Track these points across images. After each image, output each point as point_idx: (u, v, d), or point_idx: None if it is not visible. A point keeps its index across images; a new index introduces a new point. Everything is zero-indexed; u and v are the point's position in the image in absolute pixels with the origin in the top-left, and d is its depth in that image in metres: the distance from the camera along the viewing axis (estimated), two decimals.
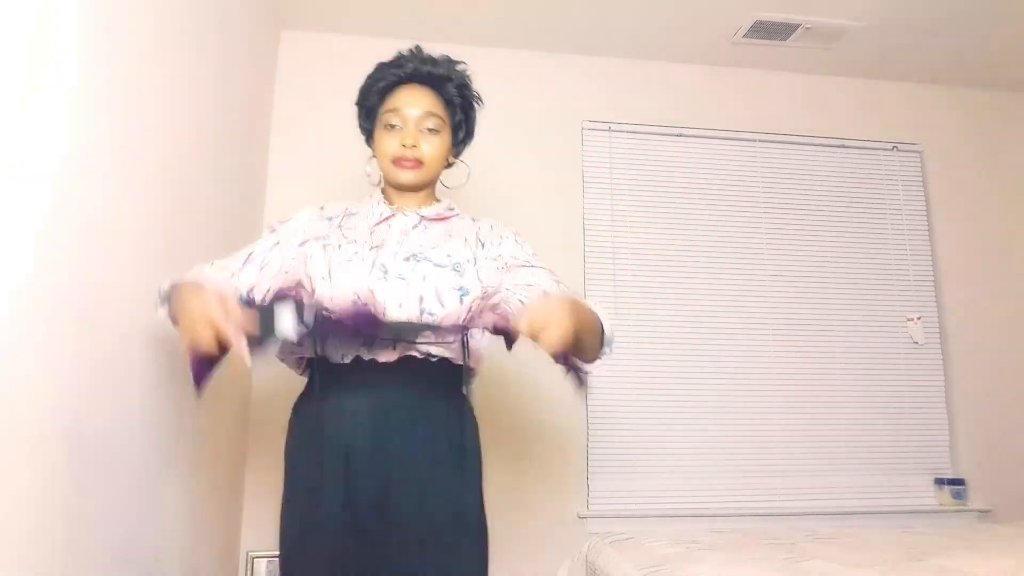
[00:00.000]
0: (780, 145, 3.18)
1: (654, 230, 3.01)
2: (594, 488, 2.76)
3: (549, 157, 3.00)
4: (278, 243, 1.35)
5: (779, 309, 3.03)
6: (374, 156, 1.40)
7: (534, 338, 1.04)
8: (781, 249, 3.08)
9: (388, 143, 1.35)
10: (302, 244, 1.33)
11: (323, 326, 1.19)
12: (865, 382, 3.01)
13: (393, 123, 1.35)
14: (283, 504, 1.29)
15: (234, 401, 2.32)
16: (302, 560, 1.23)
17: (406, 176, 1.35)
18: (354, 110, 1.45)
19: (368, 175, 1.43)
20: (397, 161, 1.34)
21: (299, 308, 1.14)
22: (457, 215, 1.42)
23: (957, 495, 2.92)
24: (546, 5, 2.77)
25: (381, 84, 1.38)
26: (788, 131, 3.19)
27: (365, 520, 1.20)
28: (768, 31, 2.91)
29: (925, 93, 3.35)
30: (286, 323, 1.12)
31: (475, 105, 1.45)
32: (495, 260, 1.35)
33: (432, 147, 1.35)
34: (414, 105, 1.35)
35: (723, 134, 3.14)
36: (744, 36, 2.94)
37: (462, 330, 1.27)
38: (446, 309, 1.26)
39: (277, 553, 1.28)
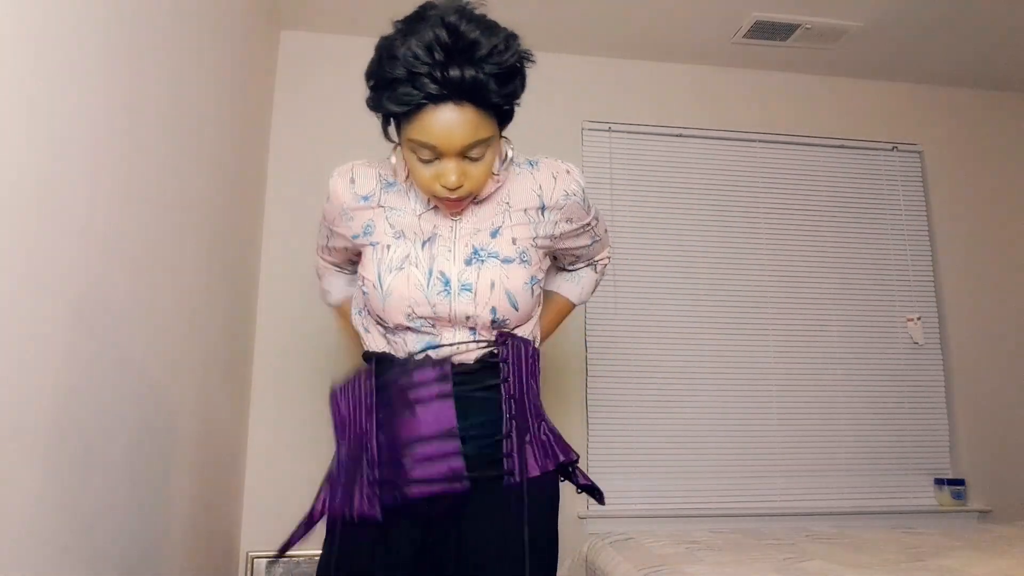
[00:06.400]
0: (780, 145, 3.18)
1: (654, 230, 3.02)
2: None
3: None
4: (330, 234, 1.29)
5: (779, 309, 3.03)
6: (399, 145, 1.13)
7: None
8: (781, 249, 3.08)
9: (422, 174, 1.09)
10: (355, 238, 1.22)
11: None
12: (865, 382, 3.01)
13: (424, 158, 1.08)
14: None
15: (234, 399, 2.32)
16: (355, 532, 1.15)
17: (449, 211, 1.17)
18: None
19: (394, 170, 1.21)
20: (437, 199, 1.13)
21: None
22: (507, 175, 1.22)
23: (957, 495, 2.92)
24: (546, 5, 2.77)
25: (396, 109, 1.05)
26: (788, 131, 3.19)
27: (436, 544, 1.17)
28: (768, 31, 2.91)
29: (925, 93, 3.35)
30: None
31: (524, 75, 1.13)
32: (557, 226, 1.25)
33: (478, 170, 1.10)
34: (448, 138, 1.04)
35: (723, 134, 3.14)
36: (744, 36, 2.94)
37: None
38: (520, 310, 1.16)
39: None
